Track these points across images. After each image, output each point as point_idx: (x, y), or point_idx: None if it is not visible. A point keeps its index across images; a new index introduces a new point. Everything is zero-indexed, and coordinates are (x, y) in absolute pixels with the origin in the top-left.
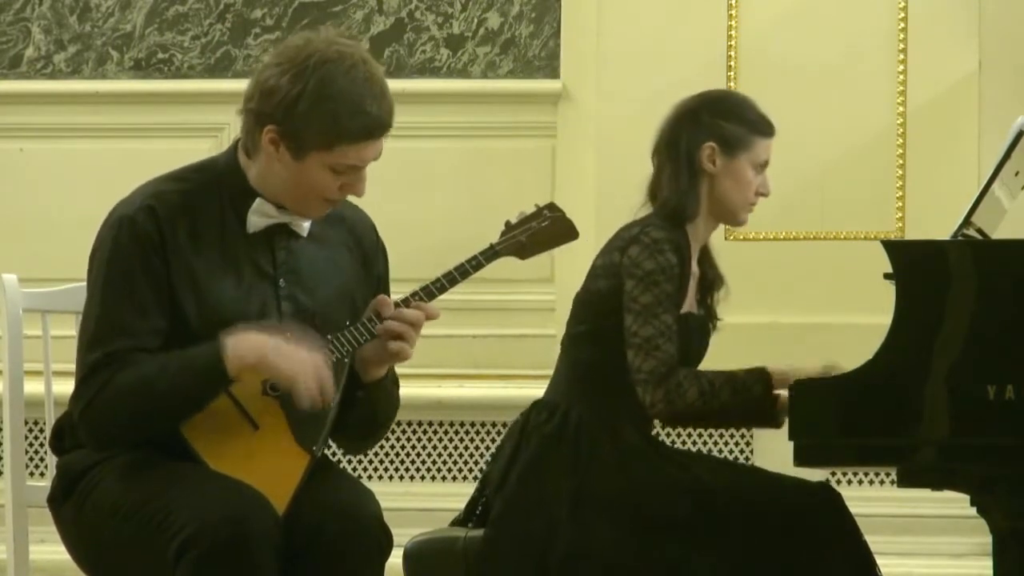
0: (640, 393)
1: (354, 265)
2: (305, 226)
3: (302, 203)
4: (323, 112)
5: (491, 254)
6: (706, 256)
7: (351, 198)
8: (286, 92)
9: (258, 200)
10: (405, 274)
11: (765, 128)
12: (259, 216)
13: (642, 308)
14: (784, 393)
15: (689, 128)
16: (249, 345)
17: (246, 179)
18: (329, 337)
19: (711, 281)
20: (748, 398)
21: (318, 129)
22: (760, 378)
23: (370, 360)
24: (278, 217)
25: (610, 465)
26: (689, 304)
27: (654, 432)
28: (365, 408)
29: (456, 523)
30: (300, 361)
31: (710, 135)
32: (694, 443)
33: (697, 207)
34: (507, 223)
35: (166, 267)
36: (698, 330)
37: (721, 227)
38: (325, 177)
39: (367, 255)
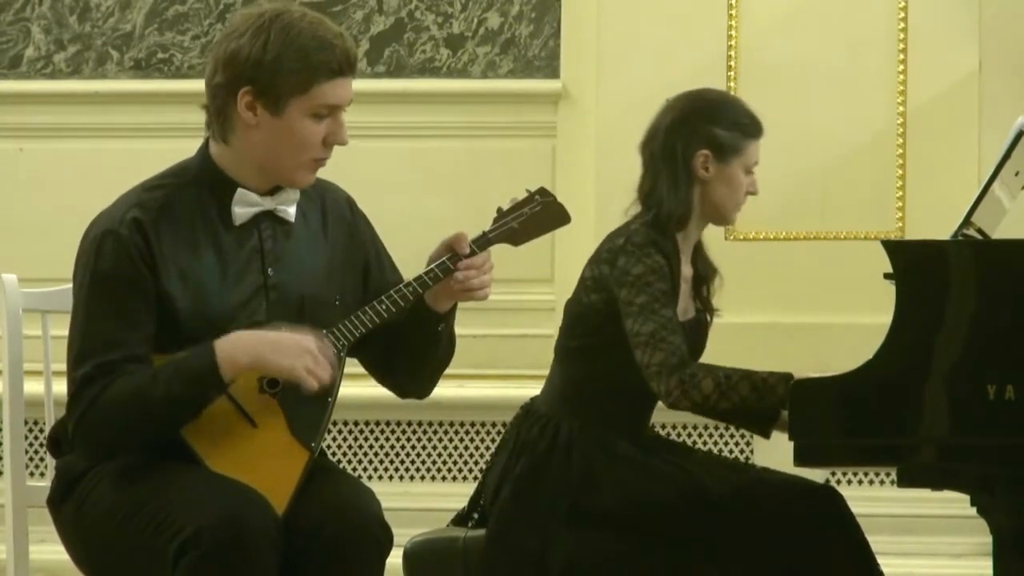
0: (654, 386)
1: (338, 242)
2: (291, 211)
3: (291, 167)
4: (293, 53)
5: (484, 242)
6: (699, 253)
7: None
8: (250, 48)
9: (239, 191)
10: (405, 274)
11: (756, 131)
12: (243, 207)
13: (640, 308)
14: None
15: (684, 134)
16: (242, 348)
17: (223, 172)
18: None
19: (705, 276)
20: (769, 399)
21: (292, 71)
22: (784, 380)
23: (444, 295)
24: (262, 204)
25: (604, 478)
26: (684, 307)
27: (653, 431)
28: (445, 339)
29: (456, 520)
30: (292, 349)
31: (704, 142)
32: (694, 443)
33: (689, 214)
34: (499, 209)
35: (155, 275)
36: (693, 333)
37: (721, 227)
38: (308, 127)
39: (349, 228)
